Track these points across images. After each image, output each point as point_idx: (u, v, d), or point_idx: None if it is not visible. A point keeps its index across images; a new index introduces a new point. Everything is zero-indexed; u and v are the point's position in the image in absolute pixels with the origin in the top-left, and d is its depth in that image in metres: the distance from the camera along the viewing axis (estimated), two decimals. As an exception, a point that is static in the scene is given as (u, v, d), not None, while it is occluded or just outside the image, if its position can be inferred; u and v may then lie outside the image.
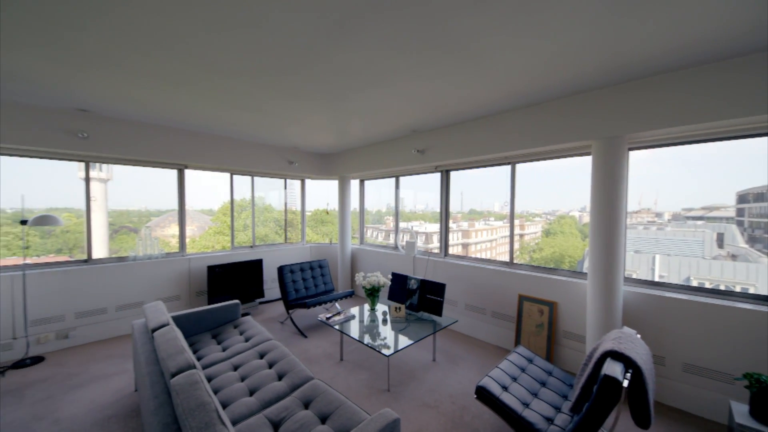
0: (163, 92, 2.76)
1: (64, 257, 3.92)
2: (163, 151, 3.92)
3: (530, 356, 2.45)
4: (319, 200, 6.52)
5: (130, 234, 6.23)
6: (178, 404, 1.32)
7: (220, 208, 7.34)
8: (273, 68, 2.28)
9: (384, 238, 6.16)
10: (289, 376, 2.11)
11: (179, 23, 1.75)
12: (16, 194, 3.59)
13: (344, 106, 3.09)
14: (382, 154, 4.71)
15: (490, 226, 4.95)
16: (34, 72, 2.36)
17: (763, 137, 2.31)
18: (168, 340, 1.85)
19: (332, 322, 3.06)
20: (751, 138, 2.36)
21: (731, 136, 2.40)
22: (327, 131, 4.08)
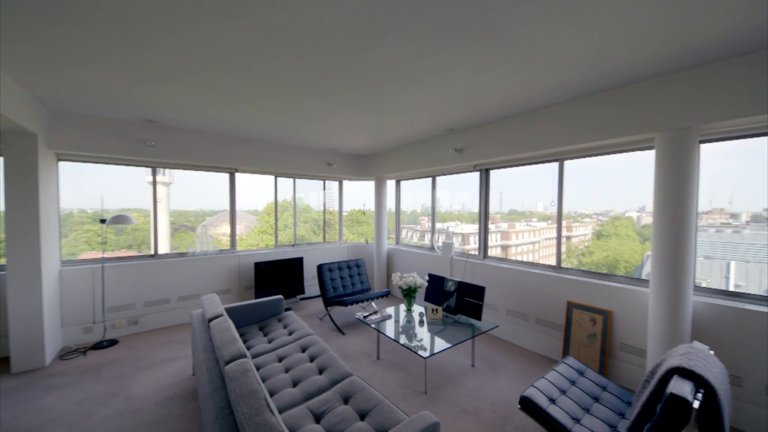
0: (217, 102, 3.01)
1: (134, 252, 4.43)
2: (216, 156, 4.27)
3: (581, 368, 2.28)
4: (356, 201, 6.66)
5: (188, 232, 6.85)
6: (231, 390, 1.43)
7: (264, 208, 7.80)
8: (313, 75, 2.38)
9: (419, 238, 6.11)
10: (329, 371, 2.18)
11: (231, 38, 1.89)
12: (96, 196, 4.13)
13: (382, 108, 3.12)
14: (418, 153, 4.68)
15: (533, 227, 4.69)
16: (110, 88, 2.70)
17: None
18: (222, 330, 2.00)
19: (369, 321, 3.10)
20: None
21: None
22: (364, 133, 4.15)
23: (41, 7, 1.61)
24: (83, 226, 5.16)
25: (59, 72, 2.36)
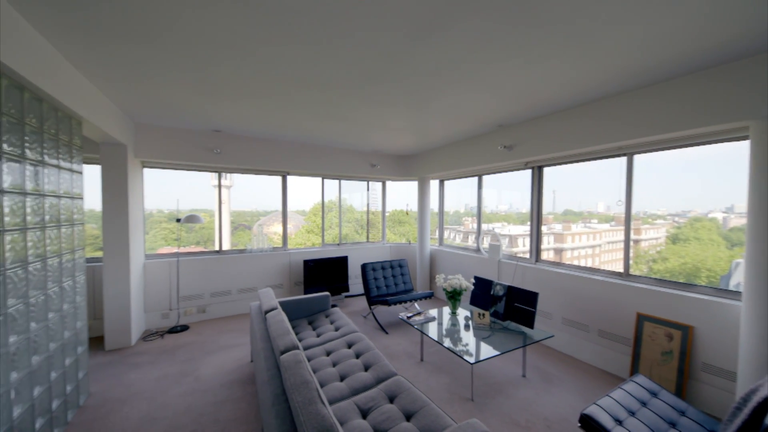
0: (273, 111, 3.24)
1: (201, 248, 4.95)
2: (271, 160, 4.60)
3: (654, 389, 2.02)
4: (398, 201, 6.69)
5: (245, 231, 7.46)
6: (286, 379, 1.52)
7: (311, 209, 8.20)
8: (359, 79, 2.44)
9: (462, 239, 5.94)
10: (374, 369, 2.21)
11: (287, 49, 2.02)
12: (172, 198, 4.69)
13: (427, 107, 3.10)
14: (464, 152, 4.55)
15: (592, 229, 4.28)
16: (185, 102, 3.05)
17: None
18: (277, 322, 2.15)
19: (413, 322, 3.09)
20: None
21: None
22: (408, 133, 4.15)
23: (125, 32, 1.88)
24: (161, 224, 5.90)
25: (144, 90, 2.74)
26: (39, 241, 1.94)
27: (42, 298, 1.96)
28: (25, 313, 1.80)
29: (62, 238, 2.19)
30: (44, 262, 1.98)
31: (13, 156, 1.72)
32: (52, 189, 2.08)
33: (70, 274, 2.29)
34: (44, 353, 1.97)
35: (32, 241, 1.87)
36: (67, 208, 2.26)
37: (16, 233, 1.74)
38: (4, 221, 1.65)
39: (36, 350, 1.89)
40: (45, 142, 2.02)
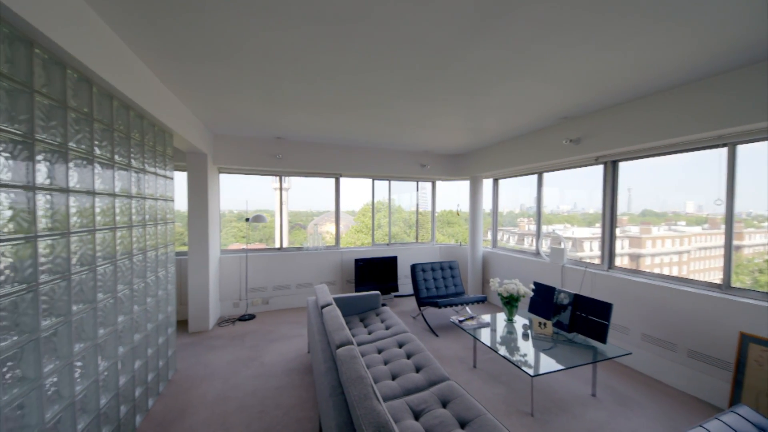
0: (328, 116, 3.41)
1: (264, 245, 5.41)
2: (325, 163, 4.85)
3: (762, 423, 1.67)
4: (446, 201, 6.54)
5: (300, 230, 7.96)
6: (342, 372, 1.59)
7: (360, 209, 8.44)
8: (410, 79, 2.44)
9: (517, 242, 5.57)
10: (426, 371, 2.19)
11: (342, 58, 2.10)
12: (240, 200, 5.21)
13: (480, 103, 2.98)
14: (521, 149, 4.28)
15: (679, 233, 3.69)
16: (254, 114, 3.37)
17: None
18: (333, 317, 2.25)
19: (465, 326, 3.00)
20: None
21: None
22: (460, 131, 4.04)
23: (207, 54, 2.13)
24: (231, 223, 6.61)
25: (221, 104, 3.08)
26: (140, 236, 2.30)
27: (142, 285, 2.33)
28: (129, 297, 2.15)
29: (158, 234, 2.58)
30: (144, 255, 2.35)
31: (121, 165, 2.08)
32: (150, 192, 2.47)
33: (164, 266, 2.69)
34: (143, 332, 2.34)
35: (136, 237, 2.23)
36: (161, 209, 2.65)
37: (124, 230, 2.09)
38: (115, 219, 2.00)
39: (137, 329, 2.25)
40: (145, 152, 2.40)
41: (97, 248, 1.78)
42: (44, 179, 1.41)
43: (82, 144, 1.67)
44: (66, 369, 1.53)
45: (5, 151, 1.22)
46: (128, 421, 2.08)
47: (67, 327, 1.53)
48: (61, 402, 1.49)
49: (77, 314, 1.61)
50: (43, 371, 1.38)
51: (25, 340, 1.30)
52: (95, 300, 1.75)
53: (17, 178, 1.27)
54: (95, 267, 1.75)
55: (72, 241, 1.57)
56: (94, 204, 1.76)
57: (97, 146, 1.79)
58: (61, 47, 1.41)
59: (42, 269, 1.38)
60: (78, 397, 1.60)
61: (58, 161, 1.49)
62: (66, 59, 1.52)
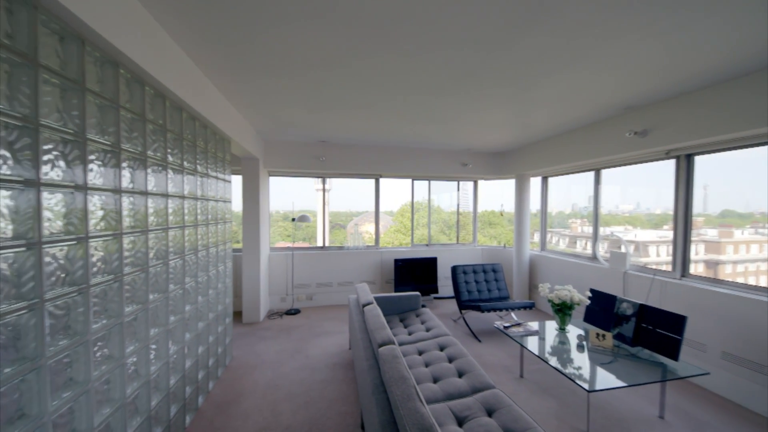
0: (369, 118, 3.47)
1: (306, 244, 5.66)
2: (366, 164, 4.95)
3: None
4: (488, 201, 6.28)
5: (340, 230, 8.20)
6: (384, 371, 1.60)
7: (399, 209, 8.45)
8: (454, 77, 2.38)
9: (568, 244, 5.16)
10: (469, 377, 2.13)
11: (384, 60, 2.12)
12: (285, 201, 5.51)
13: (529, 97, 2.81)
14: (575, 143, 3.95)
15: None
16: (300, 119, 3.54)
17: None
18: (374, 316, 2.29)
19: (511, 333, 2.85)
20: None
21: None
22: (505, 128, 3.85)
23: (260, 66, 2.29)
24: (277, 222, 7.03)
25: (271, 112, 3.29)
26: (204, 234, 2.55)
27: (205, 279, 2.57)
28: (195, 289, 2.39)
29: (218, 232, 2.83)
30: (207, 251, 2.60)
31: (189, 170, 2.31)
32: (212, 195, 2.72)
33: (223, 261, 2.94)
34: (206, 321, 2.58)
35: (200, 235, 2.48)
36: (221, 209, 2.91)
37: (190, 228, 2.33)
38: (185, 219, 2.23)
39: (200, 318, 2.49)
40: (208, 158, 2.64)
41: (169, 244, 2.00)
42: (128, 183, 1.62)
43: (158, 152, 1.89)
44: (143, 351, 1.74)
45: (98, 159, 1.43)
46: (192, 401, 2.31)
47: (144, 313, 1.75)
48: (138, 380, 1.70)
49: (153, 302, 1.83)
50: (126, 352, 1.59)
51: (112, 324, 1.51)
52: (167, 290, 1.97)
53: (107, 183, 1.48)
54: (168, 261, 1.98)
55: (149, 237, 1.79)
56: (167, 205, 1.98)
57: (169, 154, 2.01)
58: (141, 67, 1.61)
59: (126, 262, 1.59)
60: (152, 376, 1.81)
61: (138, 168, 1.71)
62: (145, 78, 1.73)
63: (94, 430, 1.36)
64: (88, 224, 1.34)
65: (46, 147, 1.15)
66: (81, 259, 1.31)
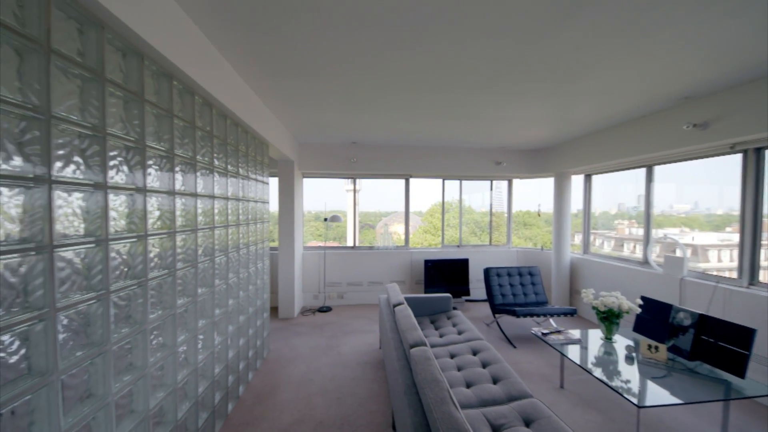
0: (401, 119, 3.47)
1: (336, 243, 5.78)
2: (396, 165, 4.96)
3: None
4: (523, 201, 5.99)
5: (369, 230, 8.28)
6: (417, 373, 1.59)
7: (428, 210, 8.36)
8: (488, 72, 2.31)
9: (614, 247, 4.78)
10: (505, 384, 2.05)
11: (416, 59, 2.11)
12: (316, 201, 5.67)
13: (572, 89, 2.65)
14: (623, 138, 3.66)
15: None
16: (333, 122, 3.63)
17: None
18: (405, 317, 2.28)
19: (551, 341, 2.70)
20: None
21: None
22: (543, 123, 3.66)
23: (297, 71, 2.37)
24: (309, 222, 7.27)
25: (306, 116, 3.41)
26: (244, 233, 2.70)
27: (245, 275, 2.72)
28: (236, 284, 2.54)
29: (257, 231, 2.98)
30: (247, 249, 2.75)
31: (232, 173, 2.46)
32: (252, 196, 2.87)
33: (261, 259, 3.10)
34: (246, 315, 2.73)
35: (241, 234, 2.62)
36: (259, 209, 3.06)
37: (233, 227, 2.47)
38: (228, 219, 2.38)
39: (241, 312, 2.64)
40: (248, 162, 2.79)
41: (215, 242, 2.14)
42: (180, 186, 1.76)
43: (206, 156, 2.03)
44: (192, 340, 1.88)
45: (155, 164, 1.56)
46: (234, 389, 2.46)
47: (194, 306, 1.89)
48: (188, 367, 1.84)
49: (201, 296, 1.97)
50: (177, 340, 1.72)
51: (166, 315, 1.64)
52: (213, 285, 2.12)
53: (163, 186, 1.62)
54: (213, 258, 2.12)
55: (198, 236, 1.93)
56: (213, 206, 2.12)
57: (215, 158, 2.16)
58: (192, 78, 1.74)
59: (178, 258, 1.73)
60: (200, 364, 1.95)
61: (189, 171, 1.85)
62: (195, 88, 1.87)
63: (150, 411, 1.49)
64: (147, 223, 1.47)
65: (111, 153, 1.29)
66: (141, 255, 1.44)
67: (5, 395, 0.90)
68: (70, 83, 1.12)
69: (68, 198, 1.10)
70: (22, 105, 0.96)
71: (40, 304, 1.01)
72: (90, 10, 1.16)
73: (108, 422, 1.25)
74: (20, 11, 0.95)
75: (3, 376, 0.92)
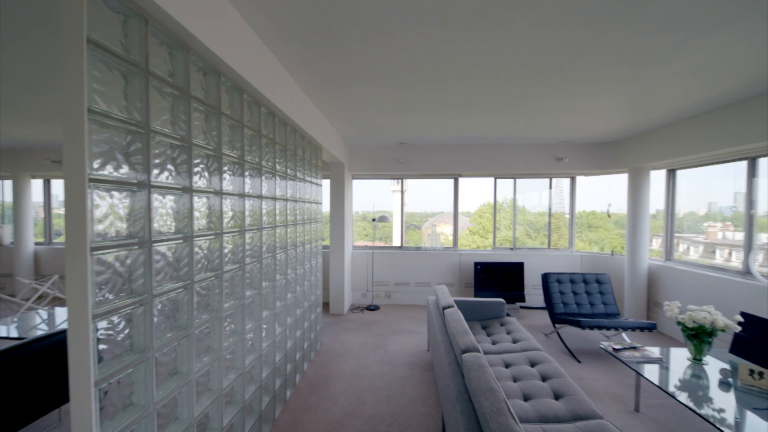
0: (452, 117, 3.39)
1: (383, 243, 5.84)
2: (445, 164, 4.86)
3: None
4: (587, 201, 5.41)
5: (414, 230, 8.20)
6: (470, 380, 1.53)
7: (476, 210, 8.02)
8: (551, 62, 2.13)
9: (703, 253, 4.08)
10: (568, 401, 1.87)
11: (473, 54, 2.03)
12: (367, 202, 5.78)
13: (651, 74, 2.33)
14: (718, 126, 3.11)
15: None
16: (383, 123, 3.68)
17: None
18: (455, 320, 2.22)
19: (624, 358, 2.40)
20: None
21: None
22: (616, 112, 3.28)
23: (352, 77, 2.44)
24: (356, 222, 7.47)
25: (357, 119, 3.51)
26: (301, 232, 2.87)
27: (302, 271, 2.89)
28: (294, 280, 2.71)
29: (311, 231, 3.16)
30: (303, 247, 2.92)
31: (291, 176, 2.63)
32: (307, 197, 3.04)
33: (315, 257, 3.27)
34: (302, 308, 2.90)
35: (298, 233, 2.80)
36: (314, 210, 3.24)
37: (291, 227, 2.65)
38: (287, 218, 2.55)
39: (297, 305, 2.81)
40: (305, 165, 2.97)
41: (276, 241, 2.32)
42: (248, 189, 1.94)
43: (269, 161, 2.21)
44: (257, 329, 2.06)
45: (229, 170, 1.74)
46: (291, 377, 2.63)
47: (259, 297, 2.06)
48: (254, 353, 2.02)
49: (265, 289, 2.14)
50: (246, 328, 1.90)
51: (237, 305, 1.82)
52: (274, 279, 2.29)
53: (235, 189, 1.79)
54: (275, 254, 2.29)
55: (263, 234, 2.10)
56: (275, 207, 2.30)
57: (277, 162, 2.33)
58: (259, 91, 1.90)
59: (246, 254, 1.91)
60: (264, 351, 2.13)
61: (255, 175, 2.02)
62: (261, 100, 2.04)
63: (223, 390, 1.66)
64: (222, 222, 1.65)
65: (195, 161, 1.46)
66: (217, 250, 1.62)
67: (115, 367, 1.08)
68: (163, 101, 1.30)
69: (162, 200, 1.28)
70: (128, 121, 1.13)
71: (141, 290, 1.19)
72: (179, 35, 1.33)
73: (190, 397, 1.42)
74: (125, 40, 1.13)
75: (112, 351, 1.10)
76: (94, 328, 1.00)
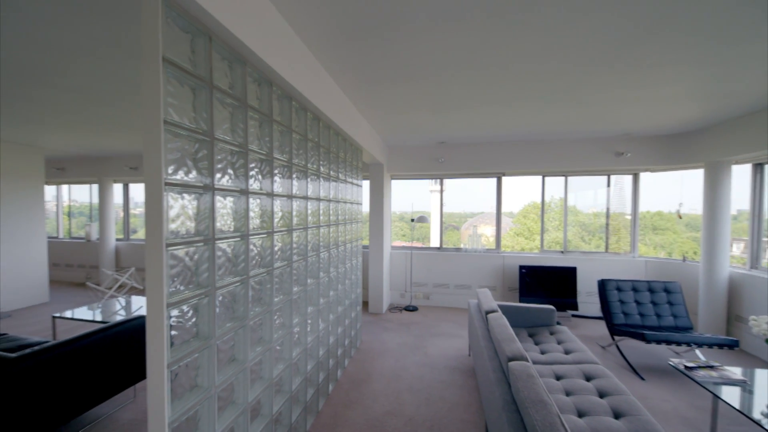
0: (495, 113, 3.26)
1: (420, 244, 5.78)
2: (487, 163, 4.68)
3: None
4: (651, 200, 4.83)
5: (453, 231, 8.00)
6: (518, 389, 1.46)
7: (520, 210, 7.58)
8: (610, 49, 1.94)
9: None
10: (630, 421, 1.70)
11: (519, 45, 1.94)
12: (406, 202, 5.77)
13: (735, 53, 2.02)
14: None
15: None
16: (422, 123, 3.65)
17: None
18: (500, 326, 2.12)
19: (699, 377, 2.11)
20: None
21: None
22: (689, 100, 2.90)
23: (392, 78, 2.46)
24: (394, 222, 7.48)
25: (396, 119, 3.52)
26: (342, 232, 2.95)
27: (343, 270, 2.98)
28: (336, 278, 2.80)
29: (352, 231, 3.23)
30: (345, 246, 3.00)
31: (333, 178, 2.72)
32: (348, 198, 3.12)
33: (355, 256, 3.34)
34: (343, 306, 2.98)
35: (339, 232, 2.88)
36: (354, 210, 3.31)
37: (333, 227, 2.74)
38: (329, 218, 2.64)
39: (339, 303, 2.89)
40: (346, 167, 3.05)
41: (320, 240, 2.41)
42: (296, 190, 2.04)
43: (314, 164, 2.31)
44: (303, 324, 2.16)
45: (279, 173, 1.84)
46: (333, 372, 2.72)
47: (304, 294, 2.16)
48: (300, 346, 2.12)
49: (309, 286, 2.24)
50: (293, 322, 2.00)
51: (285, 300, 1.92)
52: (318, 277, 2.39)
53: (284, 190, 1.90)
54: (319, 253, 2.39)
55: (308, 233, 2.20)
56: (319, 207, 2.39)
57: (321, 164, 2.42)
58: (306, 98, 1.99)
59: (294, 252, 2.01)
60: (309, 345, 2.22)
61: (302, 177, 2.13)
62: (308, 106, 2.14)
63: (273, 380, 1.77)
64: (273, 222, 1.76)
65: (251, 165, 1.57)
66: (269, 248, 1.73)
67: (184, 351, 1.20)
68: (224, 111, 1.41)
69: (224, 201, 1.40)
70: (196, 130, 1.25)
71: (206, 283, 1.31)
72: (237, 50, 1.44)
73: (245, 384, 1.54)
74: (193, 56, 1.25)
75: (182, 337, 1.22)
76: (168, 315, 1.12)
